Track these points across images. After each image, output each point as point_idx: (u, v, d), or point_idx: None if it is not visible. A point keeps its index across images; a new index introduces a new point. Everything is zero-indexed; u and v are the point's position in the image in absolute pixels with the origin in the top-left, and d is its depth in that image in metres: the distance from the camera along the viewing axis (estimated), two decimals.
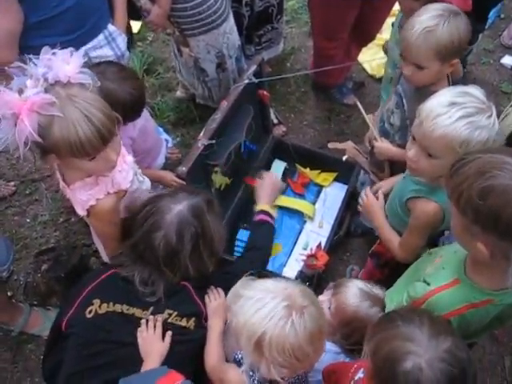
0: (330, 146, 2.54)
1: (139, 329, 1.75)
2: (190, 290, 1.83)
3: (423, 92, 2.00)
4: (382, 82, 2.79)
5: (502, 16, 4.14)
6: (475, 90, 1.61)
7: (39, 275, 2.69)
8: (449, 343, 1.21)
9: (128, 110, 2.08)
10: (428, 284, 1.53)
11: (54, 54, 1.63)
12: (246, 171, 2.82)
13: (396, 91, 2.20)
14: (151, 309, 1.78)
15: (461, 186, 1.25)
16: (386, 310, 1.80)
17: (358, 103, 2.23)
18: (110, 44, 2.37)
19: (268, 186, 2.63)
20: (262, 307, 1.45)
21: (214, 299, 1.87)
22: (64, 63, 1.61)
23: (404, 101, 2.13)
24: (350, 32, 3.11)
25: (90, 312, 1.75)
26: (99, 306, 1.76)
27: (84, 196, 1.77)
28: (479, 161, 1.25)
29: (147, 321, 1.76)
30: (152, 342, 1.72)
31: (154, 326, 1.75)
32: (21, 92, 1.53)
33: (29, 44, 2.14)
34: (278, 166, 3.06)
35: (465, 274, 1.46)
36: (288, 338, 1.42)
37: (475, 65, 3.84)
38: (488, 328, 1.60)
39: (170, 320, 1.77)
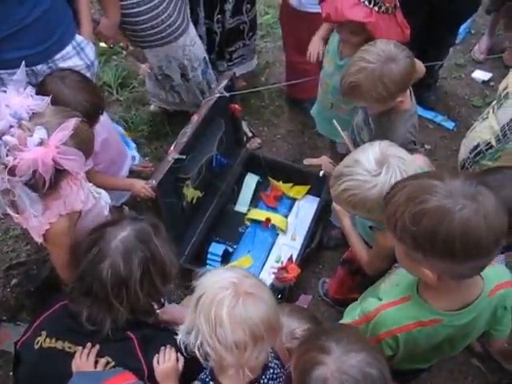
0: (306, 162, 2.56)
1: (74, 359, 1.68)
2: (135, 344, 1.70)
3: (383, 115, 2.05)
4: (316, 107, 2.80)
5: (473, 31, 4.22)
6: (369, 155, 1.60)
7: (9, 290, 2.67)
8: (359, 358, 1.23)
9: None
10: (380, 299, 1.54)
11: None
12: (218, 185, 2.84)
13: (362, 108, 2.24)
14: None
15: (394, 215, 1.27)
16: None
17: (335, 122, 2.25)
18: (78, 54, 2.38)
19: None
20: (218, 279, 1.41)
21: (164, 361, 1.70)
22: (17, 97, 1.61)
23: (370, 119, 2.17)
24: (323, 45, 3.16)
25: (38, 343, 1.72)
26: (44, 340, 1.72)
27: (36, 222, 1.74)
28: (408, 188, 1.28)
29: (82, 350, 1.69)
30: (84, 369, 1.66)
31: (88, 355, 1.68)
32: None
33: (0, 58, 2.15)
34: (251, 180, 3.08)
35: (417, 293, 1.47)
36: (218, 308, 1.34)
37: (447, 79, 3.91)
38: (438, 353, 1.60)
39: (106, 369, 1.68)
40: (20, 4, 2.10)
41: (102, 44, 3.88)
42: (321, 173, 2.43)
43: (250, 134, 3.38)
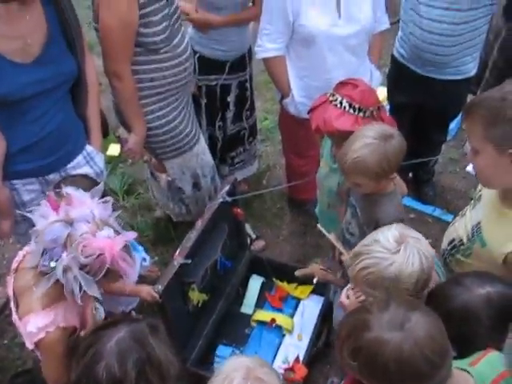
0: (297, 273, 2.63)
1: None
2: None
3: (372, 197, 2.13)
4: (318, 207, 2.88)
5: (464, 127, 4.36)
6: (388, 235, 1.66)
7: None
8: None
9: None
10: None
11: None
12: (224, 287, 2.88)
13: (349, 203, 2.32)
14: None
15: (340, 352, 1.35)
16: None
17: (319, 226, 2.33)
18: (88, 163, 2.48)
19: None
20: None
21: None
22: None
23: (357, 210, 2.24)
24: None
25: None
26: None
27: (34, 328, 1.77)
28: (346, 325, 1.36)
29: None
30: None
31: None
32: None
33: (12, 170, 2.25)
34: (256, 281, 3.12)
35: None
36: None
37: (443, 174, 4.05)
38: None
39: None
40: (32, 122, 2.22)
41: (109, 152, 4.08)
42: (314, 280, 2.48)
43: (253, 236, 3.46)
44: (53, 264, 1.69)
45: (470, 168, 4.03)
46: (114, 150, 4.09)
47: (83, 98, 2.42)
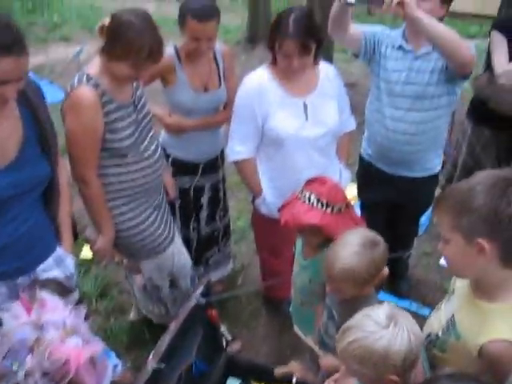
0: (276, 372, 2.59)
1: None
2: None
3: (351, 301, 2.12)
4: (292, 305, 2.87)
5: (434, 218, 4.45)
6: (379, 311, 1.69)
7: None
8: None
9: None
10: None
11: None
12: None
13: (325, 305, 2.33)
14: None
15: None
16: None
17: (296, 328, 2.32)
18: (58, 266, 2.42)
19: None
20: None
21: None
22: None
23: (333, 311, 2.24)
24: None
25: None
26: None
27: None
28: None
29: None
30: None
31: None
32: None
33: None
34: None
35: None
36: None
37: (417, 267, 4.11)
38: None
39: None
40: (4, 225, 2.19)
41: (83, 255, 4.05)
42: (293, 380, 2.44)
43: (229, 338, 3.40)
44: (15, 367, 1.64)
45: (443, 261, 4.09)
46: (88, 252, 4.05)
47: (55, 201, 2.43)
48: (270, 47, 2.83)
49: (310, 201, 2.32)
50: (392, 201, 3.38)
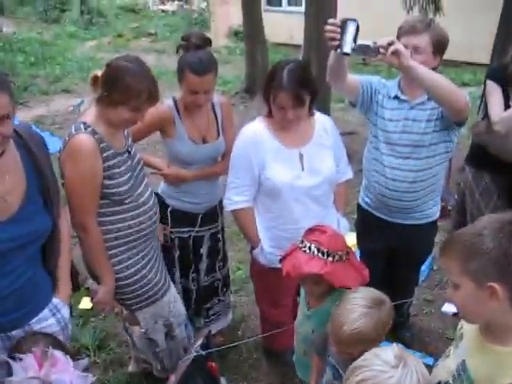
0: None
1: None
2: None
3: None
4: (295, 354, 2.84)
5: (435, 268, 4.48)
6: (388, 350, 1.69)
7: None
8: None
9: None
10: None
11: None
12: None
13: (329, 363, 2.32)
14: None
15: None
16: None
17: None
18: (54, 316, 2.40)
19: None
20: None
21: None
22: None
23: (340, 371, 2.23)
24: (295, 296, 3.29)
25: None
26: None
27: None
28: None
29: None
30: None
31: None
32: None
33: None
34: None
35: None
36: None
37: (418, 315, 4.06)
38: None
39: None
40: (2, 278, 2.19)
41: (82, 306, 4.03)
42: None
43: None
44: None
45: (445, 308, 4.06)
46: (87, 303, 4.04)
47: (55, 252, 2.42)
48: (265, 99, 2.88)
49: (310, 250, 2.33)
50: (391, 248, 3.38)
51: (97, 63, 10.89)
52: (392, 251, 3.42)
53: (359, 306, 2.08)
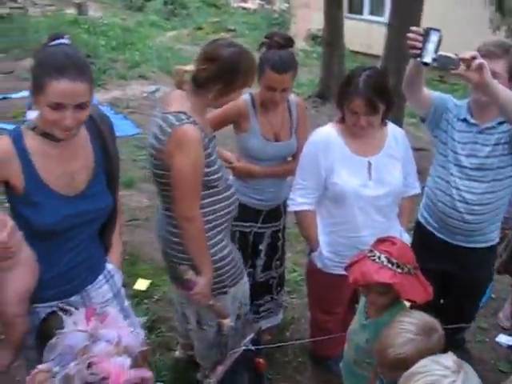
0: None
1: None
2: None
3: None
4: (343, 361, 2.81)
5: (493, 296, 4.36)
6: (447, 357, 1.69)
7: None
8: None
9: None
10: None
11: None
12: None
13: (380, 380, 2.30)
14: None
15: None
16: None
17: None
18: (108, 282, 2.48)
19: None
20: None
21: None
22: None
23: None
24: (348, 305, 3.26)
25: None
26: None
27: None
28: None
29: None
30: None
31: None
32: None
33: (38, 295, 2.25)
34: None
35: None
36: None
37: (471, 342, 3.93)
38: None
39: None
40: (67, 252, 2.29)
41: (136, 286, 4.11)
42: None
43: None
44: (56, 368, 1.67)
45: (500, 339, 3.94)
46: (142, 284, 4.14)
47: (111, 229, 2.50)
48: (339, 103, 2.88)
49: (380, 260, 2.33)
50: (446, 272, 3.29)
51: (175, 53, 11.07)
52: (445, 272, 3.31)
53: (408, 331, 2.05)
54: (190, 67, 2.55)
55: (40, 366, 1.91)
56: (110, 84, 8.94)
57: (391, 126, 3.03)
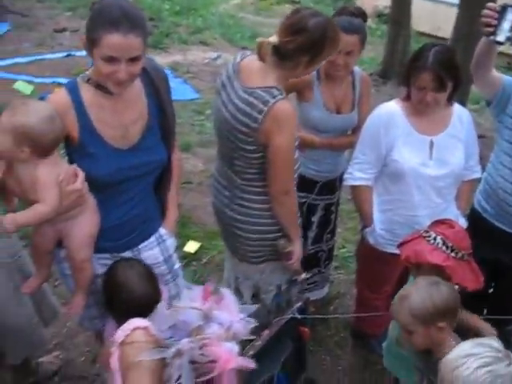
0: None
1: None
2: None
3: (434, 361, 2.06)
4: (387, 341, 2.80)
5: None
6: (491, 341, 1.68)
7: None
8: None
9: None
10: None
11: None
12: None
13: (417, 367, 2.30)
14: None
15: None
16: None
17: None
18: (159, 245, 2.52)
19: None
20: None
21: None
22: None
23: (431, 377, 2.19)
24: (396, 285, 3.23)
25: None
26: None
27: None
28: None
29: None
30: None
31: None
32: None
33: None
34: None
35: None
36: None
37: None
38: None
39: None
40: (121, 205, 2.35)
41: (186, 248, 4.16)
42: None
43: None
44: (169, 341, 1.72)
45: None
46: (192, 247, 4.19)
47: (166, 184, 2.53)
48: (406, 79, 2.81)
49: (435, 241, 2.30)
50: (499, 259, 3.20)
51: (237, 22, 10.99)
52: (501, 266, 3.22)
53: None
54: (273, 39, 2.47)
55: (137, 323, 2.00)
56: (172, 48, 8.95)
57: (457, 107, 2.95)
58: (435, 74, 2.64)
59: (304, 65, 2.47)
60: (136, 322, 2.04)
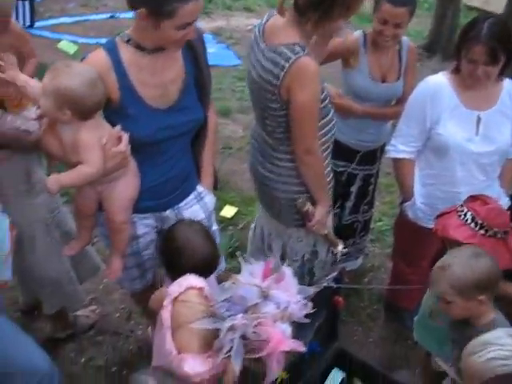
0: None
1: None
2: None
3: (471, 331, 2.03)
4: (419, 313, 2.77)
5: None
6: None
7: None
8: None
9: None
10: None
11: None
12: (304, 370, 2.80)
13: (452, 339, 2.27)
14: None
15: None
16: None
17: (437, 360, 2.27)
18: (199, 202, 2.56)
19: None
20: None
21: None
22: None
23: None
24: (432, 261, 3.20)
25: None
26: None
27: (191, 370, 1.87)
28: None
29: None
30: None
31: None
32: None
33: (135, 206, 2.36)
34: (336, 375, 3.00)
35: None
36: None
37: None
38: None
39: None
40: (161, 165, 2.38)
41: (223, 213, 4.17)
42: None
43: None
44: (225, 313, 1.74)
45: None
46: (229, 211, 4.20)
47: (202, 143, 2.55)
48: (457, 51, 2.73)
49: (465, 217, 2.27)
50: None
51: None
52: None
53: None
54: None
55: (193, 281, 2.04)
56: (215, 13, 8.88)
57: (507, 82, 2.86)
58: (488, 46, 2.56)
59: (313, 23, 2.35)
60: (192, 280, 2.06)
